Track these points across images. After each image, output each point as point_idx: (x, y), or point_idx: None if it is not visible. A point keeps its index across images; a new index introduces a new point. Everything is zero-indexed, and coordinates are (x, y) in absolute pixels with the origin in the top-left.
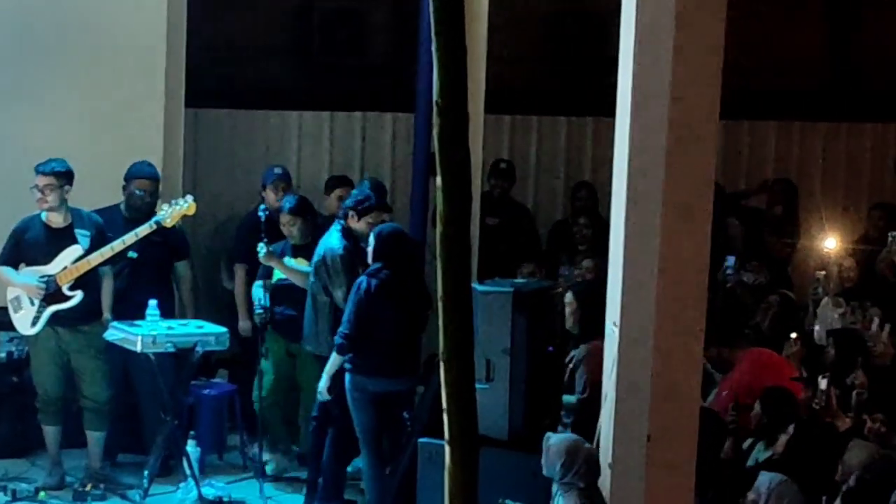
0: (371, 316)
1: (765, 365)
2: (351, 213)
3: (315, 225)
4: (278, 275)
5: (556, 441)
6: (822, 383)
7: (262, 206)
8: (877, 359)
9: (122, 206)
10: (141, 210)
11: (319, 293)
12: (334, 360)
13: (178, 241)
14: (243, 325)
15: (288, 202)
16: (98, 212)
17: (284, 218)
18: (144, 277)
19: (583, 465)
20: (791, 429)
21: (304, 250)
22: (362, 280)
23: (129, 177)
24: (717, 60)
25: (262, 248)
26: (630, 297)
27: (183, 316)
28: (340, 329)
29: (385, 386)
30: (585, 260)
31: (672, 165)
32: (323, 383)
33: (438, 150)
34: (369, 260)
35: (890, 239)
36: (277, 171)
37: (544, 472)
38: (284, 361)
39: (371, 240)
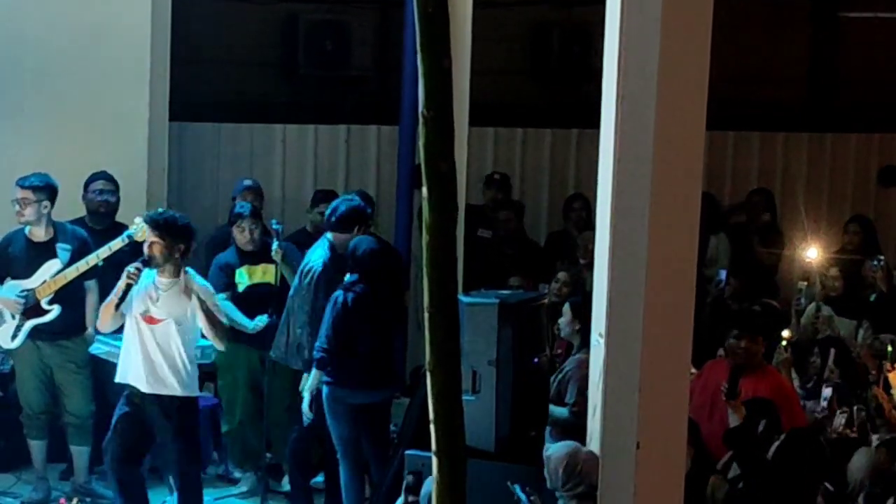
0: (349, 329)
1: (783, 393)
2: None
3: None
4: (245, 283)
5: (555, 450)
6: (826, 392)
7: (274, 220)
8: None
9: (87, 219)
10: (103, 215)
11: (295, 303)
12: (314, 375)
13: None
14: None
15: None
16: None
17: (246, 222)
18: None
19: (583, 470)
20: (782, 437)
21: (252, 257)
22: (339, 294)
23: (87, 183)
24: (704, 71)
25: (275, 245)
26: (617, 307)
27: None
28: (318, 343)
29: (363, 398)
30: (560, 272)
31: (659, 175)
32: (305, 401)
33: (424, 162)
34: (348, 271)
35: (875, 262)
36: (247, 182)
37: (548, 485)
38: (259, 372)
39: (349, 251)
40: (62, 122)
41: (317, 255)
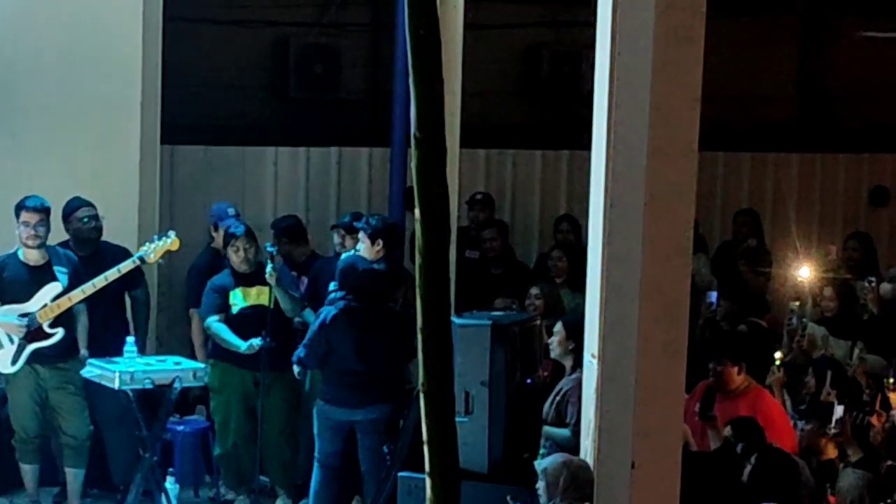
0: (332, 345)
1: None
2: None
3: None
4: (240, 305)
5: (550, 462)
6: (839, 411)
7: (269, 244)
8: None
9: (72, 244)
10: (90, 240)
11: None
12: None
13: (130, 271)
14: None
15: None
16: None
17: (241, 242)
18: (98, 308)
19: (581, 479)
20: (754, 459)
21: (247, 279)
22: (328, 310)
23: (68, 212)
24: (696, 92)
25: (269, 268)
26: (610, 328)
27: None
28: (296, 352)
29: (349, 415)
30: (533, 288)
31: (652, 195)
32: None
33: (417, 184)
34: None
35: (866, 284)
36: (231, 210)
37: (543, 500)
38: (252, 394)
39: (337, 268)
40: (53, 146)
41: None
